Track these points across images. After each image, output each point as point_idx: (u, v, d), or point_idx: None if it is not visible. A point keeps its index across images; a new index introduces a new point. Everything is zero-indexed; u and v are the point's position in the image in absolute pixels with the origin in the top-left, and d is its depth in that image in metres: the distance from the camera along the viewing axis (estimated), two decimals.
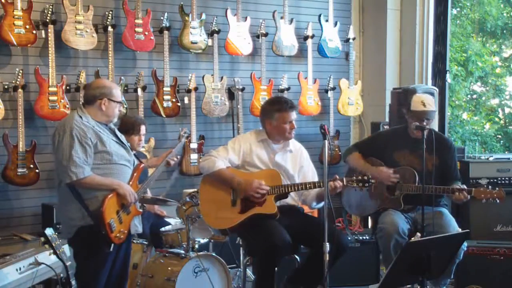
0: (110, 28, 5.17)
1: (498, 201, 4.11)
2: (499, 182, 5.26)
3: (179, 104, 5.52)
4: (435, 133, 4.43)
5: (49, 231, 3.05)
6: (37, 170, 4.91)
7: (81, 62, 5.26)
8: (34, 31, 4.84)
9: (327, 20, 6.34)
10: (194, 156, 5.57)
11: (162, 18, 5.45)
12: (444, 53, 6.33)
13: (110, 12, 5.20)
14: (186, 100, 5.60)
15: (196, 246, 4.27)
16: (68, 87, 5.02)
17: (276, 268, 3.87)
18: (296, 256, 4.19)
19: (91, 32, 5.10)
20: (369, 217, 5.69)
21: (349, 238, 4.87)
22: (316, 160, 5.71)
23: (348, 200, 4.67)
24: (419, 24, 6.51)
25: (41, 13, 4.97)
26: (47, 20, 4.89)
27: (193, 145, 5.58)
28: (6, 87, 4.83)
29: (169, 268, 4.13)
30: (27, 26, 4.80)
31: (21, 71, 4.83)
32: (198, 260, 4.12)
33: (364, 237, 5.09)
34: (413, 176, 4.30)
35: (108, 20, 5.17)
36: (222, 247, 4.93)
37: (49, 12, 4.90)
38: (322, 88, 6.33)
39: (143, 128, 4.71)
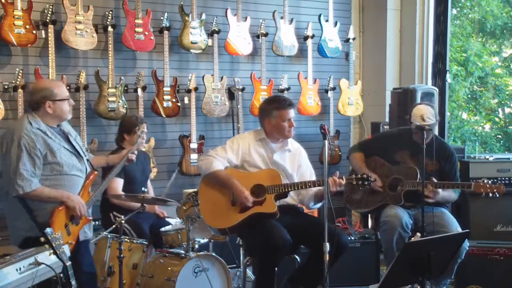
0: (110, 28, 5.17)
1: (498, 194, 4.13)
2: (499, 182, 5.25)
3: (179, 104, 5.52)
4: (436, 140, 4.45)
5: (49, 231, 3.04)
6: None
7: (81, 62, 5.26)
8: (34, 31, 4.84)
9: (327, 20, 6.34)
10: (194, 156, 5.56)
11: (162, 18, 5.45)
12: (444, 53, 6.33)
13: (110, 12, 5.20)
14: (186, 100, 5.60)
15: (196, 246, 4.26)
16: (68, 87, 5.00)
17: (276, 268, 3.87)
18: (296, 256, 4.19)
19: (91, 32, 5.10)
20: (369, 216, 5.69)
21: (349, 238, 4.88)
22: (316, 160, 5.72)
23: (349, 196, 4.68)
24: (419, 24, 6.51)
25: (41, 13, 4.96)
26: (47, 20, 4.89)
27: (193, 145, 5.57)
28: (6, 87, 4.82)
29: (169, 268, 4.13)
30: (27, 26, 4.79)
31: (21, 71, 4.83)
32: (198, 260, 4.12)
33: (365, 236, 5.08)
34: (415, 174, 4.35)
35: (108, 20, 5.17)
36: (222, 247, 4.92)
37: (49, 12, 4.90)
38: (322, 88, 6.33)
39: (144, 126, 4.75)
